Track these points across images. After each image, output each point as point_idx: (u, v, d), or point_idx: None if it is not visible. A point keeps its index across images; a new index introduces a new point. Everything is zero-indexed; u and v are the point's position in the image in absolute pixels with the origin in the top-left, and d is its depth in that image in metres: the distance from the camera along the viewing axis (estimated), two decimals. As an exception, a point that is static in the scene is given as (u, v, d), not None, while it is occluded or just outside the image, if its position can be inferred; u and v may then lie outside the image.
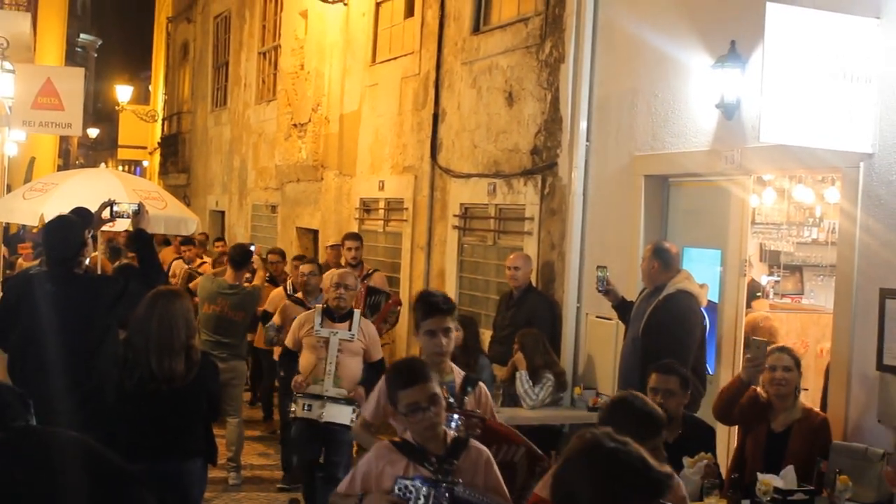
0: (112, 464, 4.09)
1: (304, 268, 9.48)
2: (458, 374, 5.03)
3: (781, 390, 5.85)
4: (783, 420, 5.90)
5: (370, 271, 10.78)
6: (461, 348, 8.25)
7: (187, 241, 14.34)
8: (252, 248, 11.19)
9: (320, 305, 7.74)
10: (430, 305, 4.92)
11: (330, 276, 7.94)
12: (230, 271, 9.49)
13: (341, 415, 7.30)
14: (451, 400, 4.72)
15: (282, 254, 12.61)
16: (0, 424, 3.94)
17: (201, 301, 9.33)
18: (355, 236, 11.08)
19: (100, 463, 4.03)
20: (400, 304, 10.68)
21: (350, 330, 7.48)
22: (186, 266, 13.55)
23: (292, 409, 7.43)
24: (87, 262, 7.66)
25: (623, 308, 7.60)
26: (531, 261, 8.92)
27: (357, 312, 7.64)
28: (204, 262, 13.93)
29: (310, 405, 7.33)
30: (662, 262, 7.04)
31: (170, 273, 13.24)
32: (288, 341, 7.77)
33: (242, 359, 9.63)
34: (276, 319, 9.16)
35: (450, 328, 4.91)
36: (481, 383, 5.10)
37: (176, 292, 5.62)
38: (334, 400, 7.33)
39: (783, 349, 6.06)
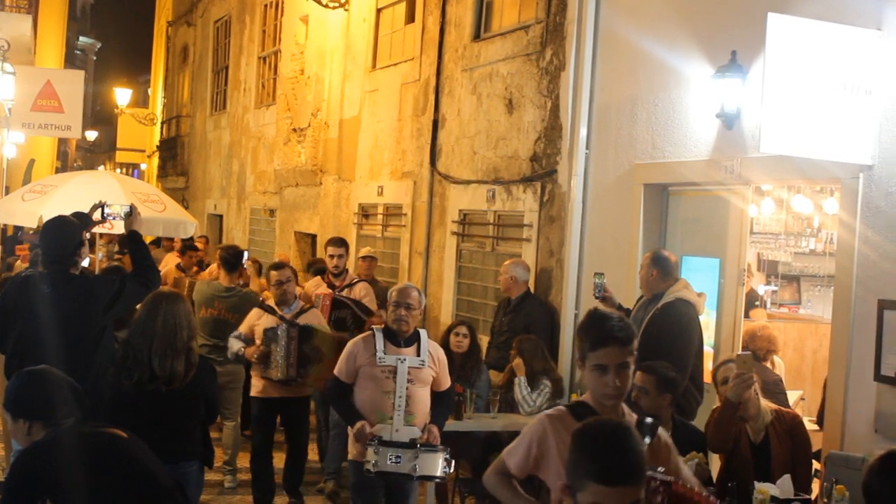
0: (149, 472, 4.13)
1: (277, 274, 8.34)
2: (630, 417, 3.85)
3: (745, 396, 5.80)
4: (757, 427, 5.90)
5: (353, 280, 9.80)
6: (466, 354, 8.30)
7: (191, 247, 13.85)
8: (245, 253, 10.96)
9: (376, 328, 6.51)
10: (603, 333, 3.69)
11: (393, 289, 6.61)
12: (224, 274, 9.47)
13: (434, 466, 6.10)
14: None
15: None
16: (52, 422, 4.07)
17: (198, 305, 9.31)
18: (338, 242, 9.96)
19: (137, 469, 4.08)
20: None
21: (419, 355, 6.35)
22: (183, 273, 13.04)
23: (368, 460, 6.01)
24: (86, 263, 7.65)
25: None
26: (525, 268, 8.89)
27: (424, 333, 6.48)
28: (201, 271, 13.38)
29: (398, 457, 6.01)
30: (661, 269, 7.06)
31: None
32: (340, 372, 6.41)
33: (240, 362, 9.60)
34: (242, 327, 8.32)
35: (627, 363, 3.70)
36: (662, 430, 3.95)
37: (178, 294, 5.66)
38: (427, 448, 6.10)
39: (741, 356, 6.06)
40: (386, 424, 6.15)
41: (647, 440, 3.68)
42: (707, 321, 7.30)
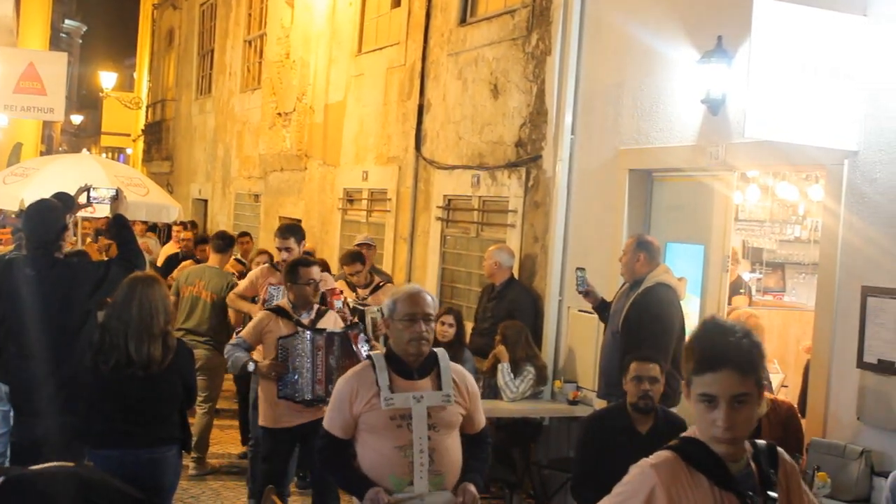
0: (118, 494, 3.97)
1: (306, 272, 6.74)
2: (748, 450, 2.95)
3: None
4: None
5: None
6: (450, 344, 8.10)
7: (203, 240, 12.43)
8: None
9: (381, 348, 4.91)
10: (715, 352, 2.78)
11: (399, 298, 4.61)
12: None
13: None
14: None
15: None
16: None
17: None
18: (286, 232, 8.20)
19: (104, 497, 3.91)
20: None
21: (440, 388, 4.53)
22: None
23: None
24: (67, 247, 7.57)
25: (603, 308, 7.55)
26: (509, 254, 8.87)
27: (443, 355, 4.65)
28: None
29: None
30: (648, 253, 7.02)
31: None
32: (332, 424, 4.56)
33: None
34: (245, 333, 6.82)
35: (746, 396, 2.77)
36: (782, 452, 3.07)
37: (154, 278, 5.58)
38: None
39: None
40: (405, 493, 4.36)
41: (773, 472, 2.95)
42: (687, 309, 7.26)
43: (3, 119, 17.63)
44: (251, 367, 6.59)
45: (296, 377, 6.45)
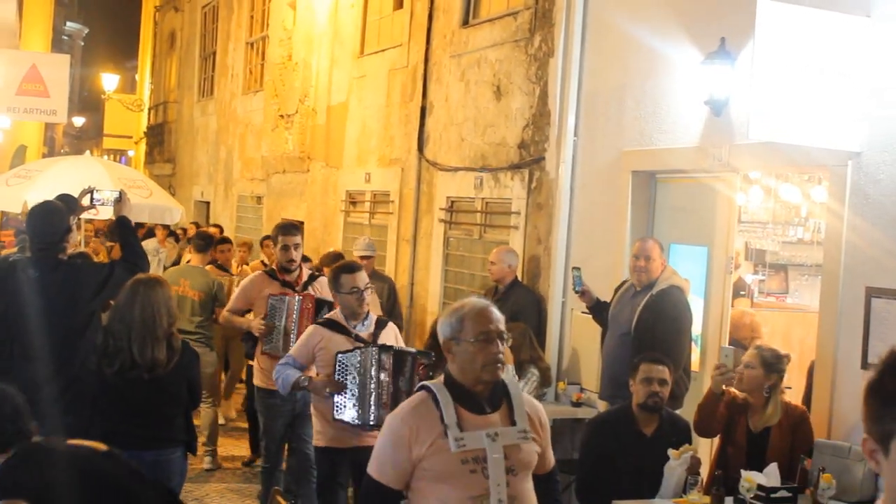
0: (123, 477, 3.95)
1: (353, 279, 6.15)
2: None
3: (743, 387, 5.86)
4: (759, 421, 5.90)
5: (314, 274, 7.75)
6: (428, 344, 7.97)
7: (224, 240, 11.72)
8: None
9: (439, 377, 3.89)
10: None
11: (467, 314, 3.79)
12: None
13: None
14: None
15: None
16: (6, 441, 3.78)
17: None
18: (291, 229, 7.64)
19: (107, 479, 3.89)
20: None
21: (513, 422, 3.77)
22: (226, 273, 10.87)
23: None
24: (77, 248, 7.60)
25: (598, 309, 7.52)
26: (515, 255, 8.87)
27: (512, 381, 3.96)
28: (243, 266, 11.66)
29: None
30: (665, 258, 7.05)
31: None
32: (383, 473, 3.72)
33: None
34: (294, 351, 6.23)
35: None
36: None
37: (157, 279, 5.58)
38: None
39: (758, 348, 6.05)
40: None
41: None
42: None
43: (5, 121, 17.63)
44: (304, 382, 5.95)
45: (354, 399, 5.77)
